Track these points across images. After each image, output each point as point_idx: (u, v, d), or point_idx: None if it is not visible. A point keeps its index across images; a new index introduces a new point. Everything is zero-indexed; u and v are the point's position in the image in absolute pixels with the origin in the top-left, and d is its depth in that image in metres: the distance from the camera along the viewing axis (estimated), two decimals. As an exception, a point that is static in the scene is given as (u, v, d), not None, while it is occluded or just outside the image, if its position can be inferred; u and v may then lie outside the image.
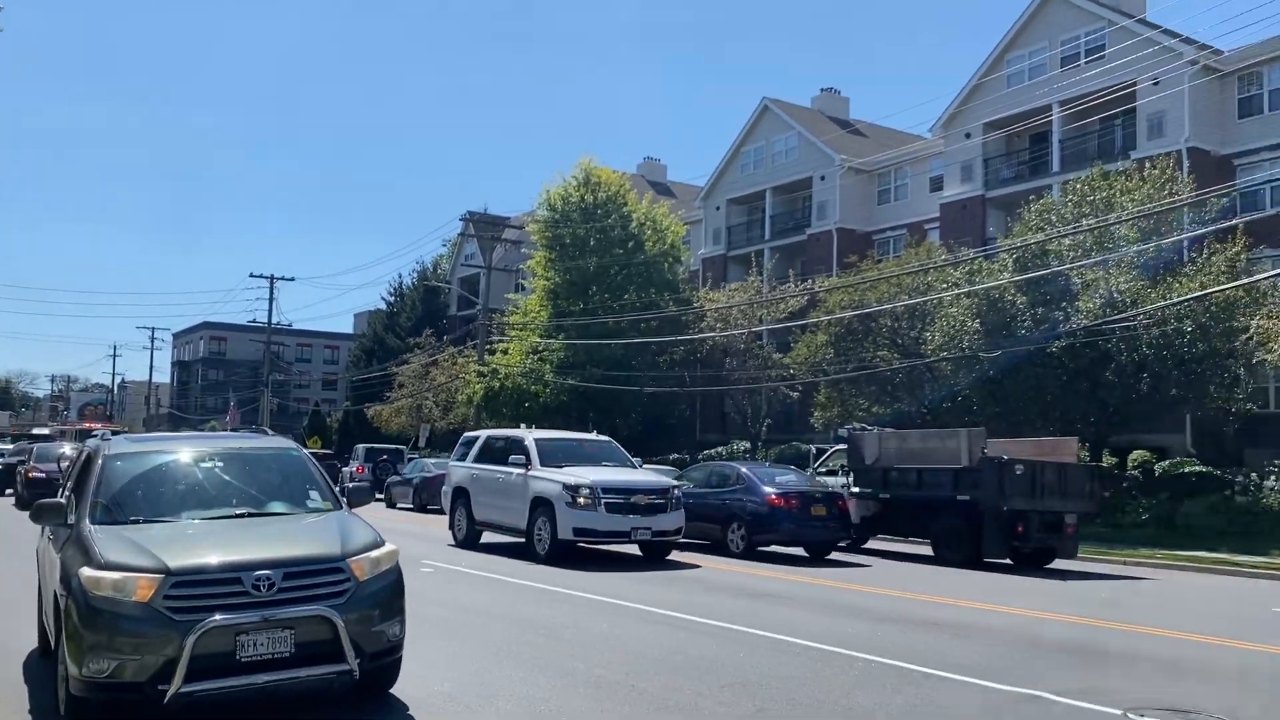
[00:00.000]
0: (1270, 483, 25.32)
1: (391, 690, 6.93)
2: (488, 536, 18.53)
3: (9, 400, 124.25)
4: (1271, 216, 28.01)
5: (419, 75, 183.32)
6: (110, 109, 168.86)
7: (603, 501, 15.66)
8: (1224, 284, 24.08)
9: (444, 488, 19.68)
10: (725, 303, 40.01)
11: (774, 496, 17.95)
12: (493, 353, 45.09)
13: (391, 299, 74.89)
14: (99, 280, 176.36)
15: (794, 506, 17.76)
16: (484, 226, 51.02)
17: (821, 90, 51.74)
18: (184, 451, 7.80)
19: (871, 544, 21.05)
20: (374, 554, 6.63)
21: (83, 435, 27.60)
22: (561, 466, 16.49)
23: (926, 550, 19.26)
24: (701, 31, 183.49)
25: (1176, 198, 26.24)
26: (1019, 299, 27.31)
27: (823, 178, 45.45)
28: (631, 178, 47.83)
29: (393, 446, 44.41)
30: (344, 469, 40.11)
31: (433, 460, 36.61)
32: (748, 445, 39.15)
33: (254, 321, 68.57)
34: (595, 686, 7.50)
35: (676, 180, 62.95)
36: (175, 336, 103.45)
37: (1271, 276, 24.64)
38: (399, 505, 31.73)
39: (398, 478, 34.05)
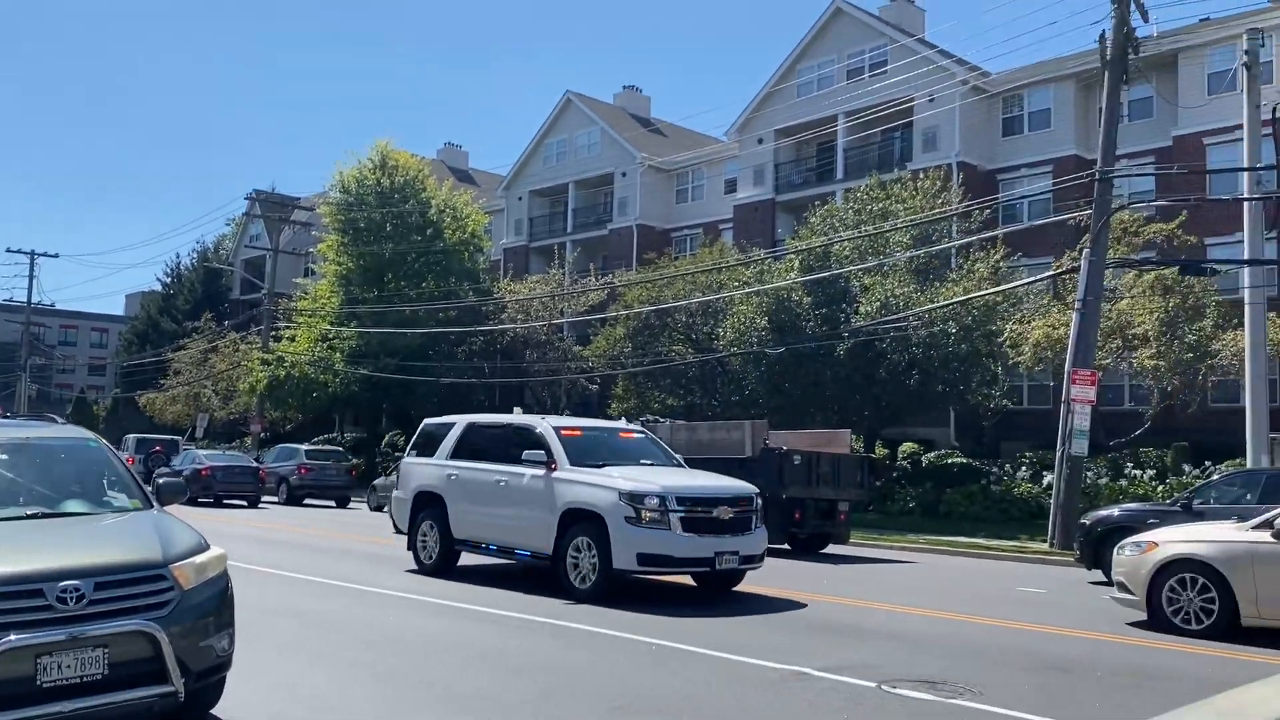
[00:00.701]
0: (1021, 473, 27.67)
1: (213, 710, 6.24)
2: (467, 559, 14.17)
3: None
4: (1027, 229, 30.55)
5: (203, 39, 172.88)
6: None
7: (676, 516, 11.31)
8: (985, 290, 26.14)
9: (396, 493, 14.90)
10: (527, 294, 39.91)
11: None
12: (278, 339, 43.16)
13: (168, 280, 70.41)
14: None
15: None
16: (271, 206, 48.72)
17: (624, 88, 52.45)
18: None
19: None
20: (199, 559, 5.91)
21: None
22: (601, 466, 12.09)
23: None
24: (506, 20, 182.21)
25: (945, 208, 28.26)
26: (804, 299, 28.64)
27: (624, 174, 46.07)
28: (431, 163, 46.89)
29: (167, 437, 41.69)
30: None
31: (205, 451, 34.62)
32: (544, 437, 39.16)
33: (11, 300, 63.15)
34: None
35: (479, 168, 62.23)
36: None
37: (1026, 284, 26.92)
38: (169, 498, 29.85)
39: (167, 470, 32.02)
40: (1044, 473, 26.07)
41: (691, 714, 6.62)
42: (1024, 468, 27.96)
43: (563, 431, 12.77)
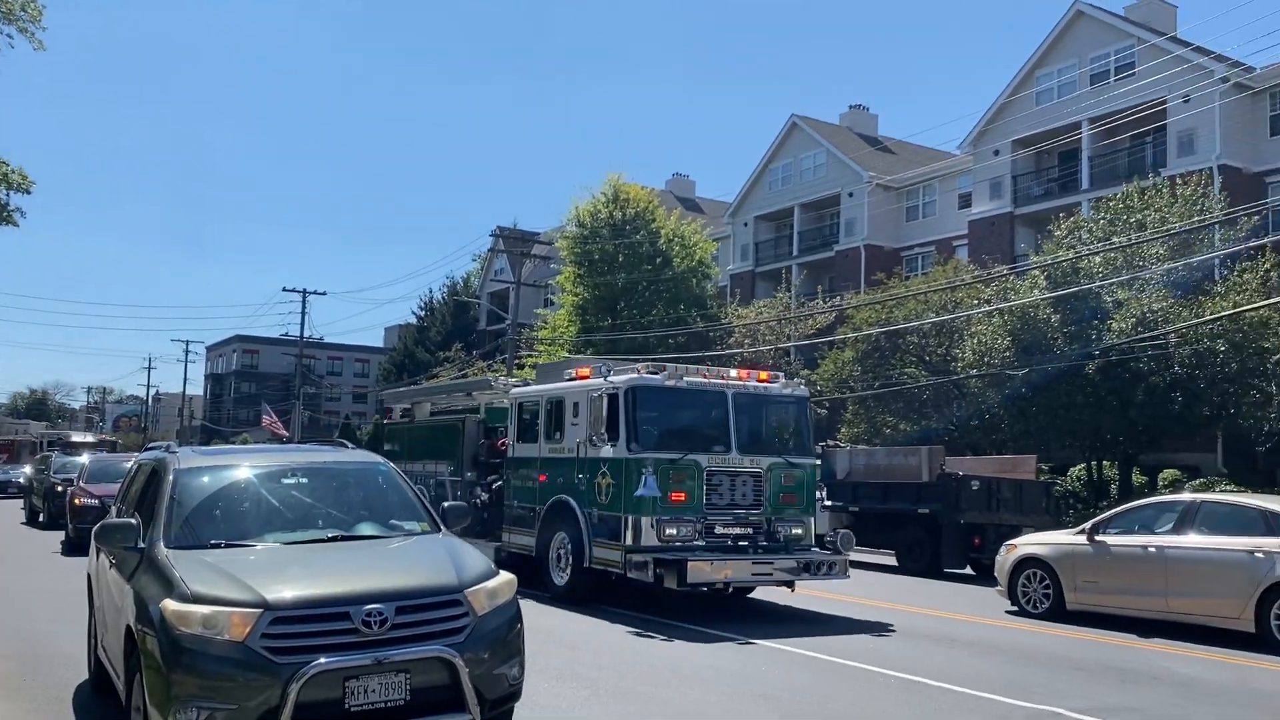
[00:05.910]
0: (1303, 503, 25.06)
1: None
2: None
3: (45, 411, 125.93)
4: (1304, 235, 27.82)
5: (447, 89, 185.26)
6: (125, 118, 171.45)
7: None
8: (1256, 302, 23.97)
9: None
10: (753, 319, 40.11)
11: None
12: (521, 367, 45.39)
13: (422, 313, 75.59)
14: (130, 293, 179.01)
15: None
16: (514, 242, 51.49)
17: (850, 107, 51.89)
18: (262, 465, 6.92)
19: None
20: (490, 584, 5.83)
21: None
22: None
23: (891, 560, 20.41)
24: (730, 48, 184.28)
25: (1208, 215, 26.17)
26: (1052, 317, 27.27)
27: (851, 194, 45.53)
28: (660, 194, 48.10)
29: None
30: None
31: None
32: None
33: (286, 335, 69.43)
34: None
35: (705, 196, 63.23)
36: (208, 349, 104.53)
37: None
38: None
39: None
40: (1333, 503, 23.49)
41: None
42: (1307, 497, 25.31)
43: None
